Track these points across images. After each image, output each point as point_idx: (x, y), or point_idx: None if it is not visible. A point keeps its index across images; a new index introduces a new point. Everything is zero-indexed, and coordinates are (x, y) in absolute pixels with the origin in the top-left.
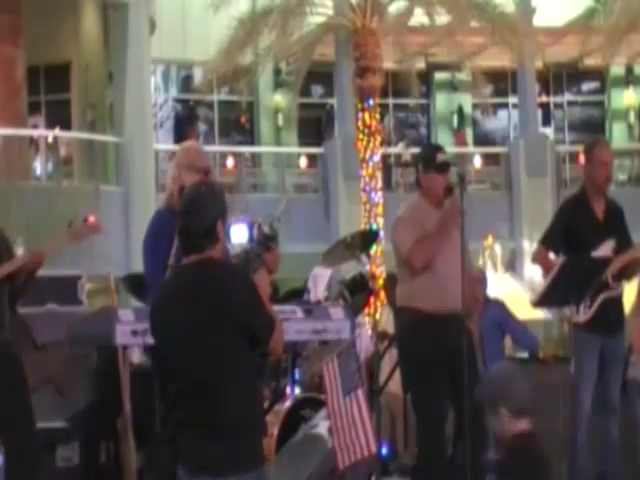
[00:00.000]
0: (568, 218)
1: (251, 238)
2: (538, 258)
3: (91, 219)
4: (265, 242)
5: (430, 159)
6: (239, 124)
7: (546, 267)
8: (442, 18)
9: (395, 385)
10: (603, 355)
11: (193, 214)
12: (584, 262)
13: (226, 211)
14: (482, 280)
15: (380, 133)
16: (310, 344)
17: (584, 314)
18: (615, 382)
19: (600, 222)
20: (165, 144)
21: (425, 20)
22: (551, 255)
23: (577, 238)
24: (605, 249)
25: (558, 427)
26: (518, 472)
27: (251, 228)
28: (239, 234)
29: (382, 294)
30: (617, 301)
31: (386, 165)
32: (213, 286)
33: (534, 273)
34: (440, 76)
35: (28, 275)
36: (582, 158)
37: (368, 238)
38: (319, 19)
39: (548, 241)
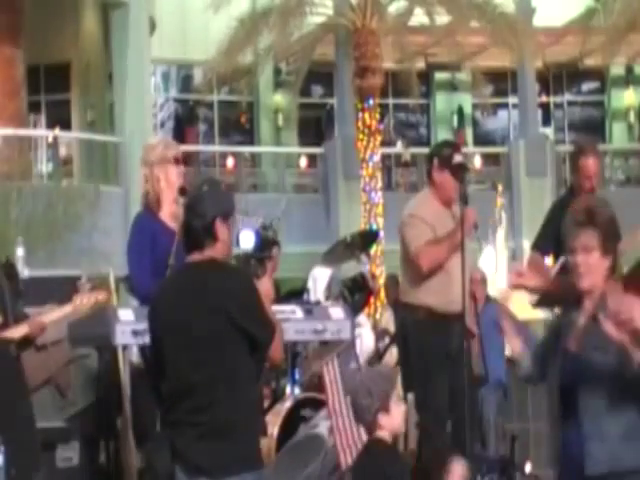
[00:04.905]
0: (557, 221)
1: (258, 244)
2: (530, 264)
3: (97, 291)
4: (268, 247)
5: (447, 157)
6: (239, 124)
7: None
8: (442, 18)
9: None
10: None
11: (193, 211)
12: None
13: (228, 210)
14: (482, 280)
15: (380, 133)
16: (310, 344)
17: None
18: None
19: None
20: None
21: (425, 20)
22: (547, 261)
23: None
24: None
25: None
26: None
27: (258, 234)
28: (246, 240)
29: (382, 294)
30: None
31: (386, 165)
32: (213, 287)
33: None
34: (440, 76)
35: (28, 342)
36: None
37: (368, 238)
38: (319, 19)
39: (540, 245)
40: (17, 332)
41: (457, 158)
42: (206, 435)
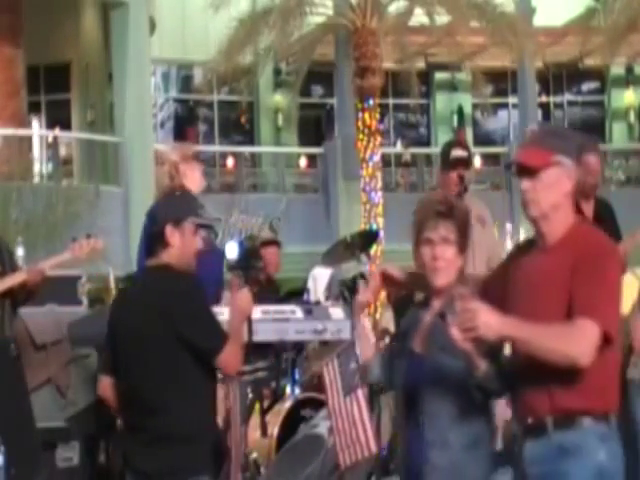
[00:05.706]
0: None
1: (242, 254)
2: None
3: (94, 238)
4: (253, 257)
5: (446, 155)
6: (239, 124)
7: None
8: (442, 18)
9: None
10: None
11: (148, 219)
12: None
13: (180, 216)
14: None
15: (380, 133)
16: (310, 344)
17: None
18: None
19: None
20: (165, 144)
21: (425, 20)
22: None
23: None
24: None
25: None
26: None
27: (242, 245)
28: (230, 251)
29: (382, 294)
30: None
31: (385, 165)
32: (161, 292)
33: None
34: (440, 76)
35: (29, 291)
36: None
37: (368, 238)
38: (319, 19)
39: None
40: (15, 279)
41: (454, 153)
42: (153, 440)
